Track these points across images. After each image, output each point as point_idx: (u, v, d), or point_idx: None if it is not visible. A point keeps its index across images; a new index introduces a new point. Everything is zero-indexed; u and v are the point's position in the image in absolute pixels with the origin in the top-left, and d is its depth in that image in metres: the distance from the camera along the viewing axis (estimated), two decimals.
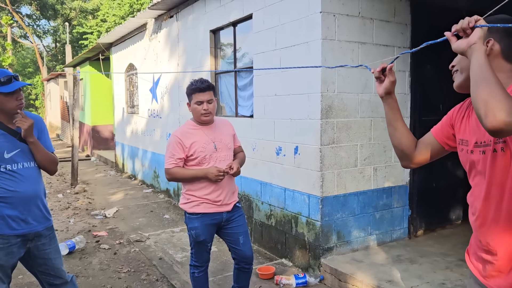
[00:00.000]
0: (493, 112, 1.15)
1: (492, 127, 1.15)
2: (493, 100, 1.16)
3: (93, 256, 4.69)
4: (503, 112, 1.13)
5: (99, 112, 13.79)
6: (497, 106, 1.15)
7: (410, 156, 1.71)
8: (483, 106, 1.18)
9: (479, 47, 1.27)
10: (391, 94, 1.69)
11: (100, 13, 25.16)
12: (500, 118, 1.13)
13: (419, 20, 4.33)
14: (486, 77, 1.21)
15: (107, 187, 8.74)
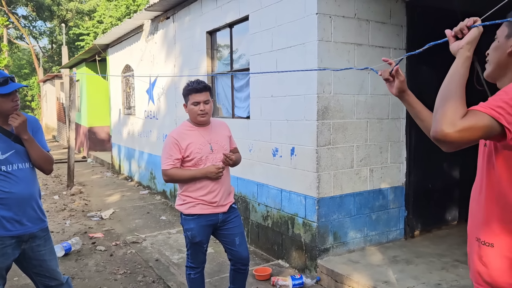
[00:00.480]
0: (435, 123, 1.20)
1: (432, 137, 1.20)
2: (440, 110, 1.20)
3: (89, 258, 4.67)
4: (443, 124, 1.17)
5: (95, 114, 13.76)
6: (442, 118, 1.19)
7: None
8: (433, 116, 1.24)
9: (462, 53, 1.30)
10: (406, 91, 1.71)
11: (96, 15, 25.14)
12: (439, 129, 1.18)
13: (414, 22, 4.34)
14: (449, 87, 1.25)
15: (104, 189, 8.72)
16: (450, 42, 1.37)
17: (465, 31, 1.31)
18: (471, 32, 1.30)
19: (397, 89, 1.70)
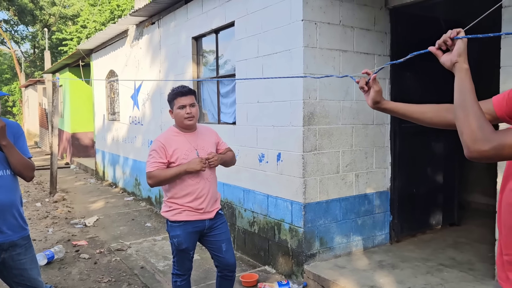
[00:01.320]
0: (466, 144, 1.18)
1: (469, 157, 1.19)
2: (467, 130, 1.19)
3: (72, 266, 4.58)
4: (475, 143, 1.16)
5: (79, 119, 13.58)
6: (471, 137, 1.17)
7: (453, 123, 1.57)
8: (460, 133, 1.21)
9: (460, 67, 1.28)
10: (380, 102, 1.67)
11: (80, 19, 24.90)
12: (473, 149, 1.16)
13: (398, 29, 4.41)
14: (464, 104, 1.22)
15: (87, 195, 8.59)
16: (438, 56, 1.36)
17: (448, 42, 1.30)
18: (458, 43, 1.29)
19: (372, 100, 1.66)
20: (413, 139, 4.60)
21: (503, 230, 1.41)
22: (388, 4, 4.31)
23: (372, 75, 1.67)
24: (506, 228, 1.39)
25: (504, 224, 1.40)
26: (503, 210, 1.41)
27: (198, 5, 5.48)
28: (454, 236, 4.86)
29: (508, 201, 1.37)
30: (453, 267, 3.91)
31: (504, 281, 1.43)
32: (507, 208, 1.38)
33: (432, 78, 4.61)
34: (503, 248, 1.40)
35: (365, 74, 1.72)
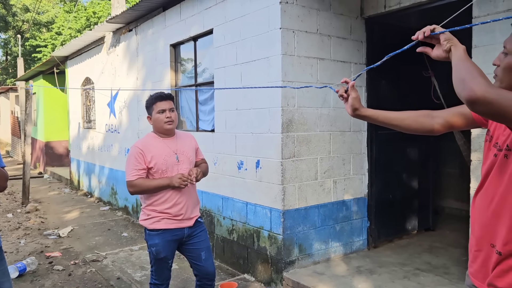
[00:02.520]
0: (469, 85, 1.22)
1: (469, 97, 1.21)
2: (469, 76, 1.24)
3: (45, 278, 4.45)
4: (479, 84, 1.21)
5: (53, 128, 13.27)
6: (473, 80, 1.22)
7: (429, 129, 1.68)
8: (461, 83, 1.25)
9: (456, 48, 1.35)
10: (359, 109, 1.71)
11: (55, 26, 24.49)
12: (477, 88, 1.20)
13: (374, 38, 4.51)
14: (463, 63, 1.29)
15: (61, 206, 8.37)
16: (429, 54, 1.45)
17: (421, 37, 1.40)
18: (442, 35, 1.37)
19: (351, 107, 1.69)
20: (389, 146, 4.69)
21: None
22: (363, 14, 4.41)
23: (350, 82, 1.70)
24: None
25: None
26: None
27: (176, 13, 5.47)
28: (429, 240, 4.95)
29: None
30: (429, 271, 3.98)
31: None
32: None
33: (407, 85, 4.72)
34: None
35: (343, 83, 1.75)
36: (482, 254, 1.49)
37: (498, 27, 3.27)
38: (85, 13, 23.40)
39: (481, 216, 1.50)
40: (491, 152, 1.51)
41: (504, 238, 1.40)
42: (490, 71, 3.41)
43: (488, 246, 1.47)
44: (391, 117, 1.70)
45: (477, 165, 3.44)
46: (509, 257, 1.40)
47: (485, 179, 1.52)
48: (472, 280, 1.56)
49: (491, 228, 1.46)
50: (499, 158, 1.45)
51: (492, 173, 1.48)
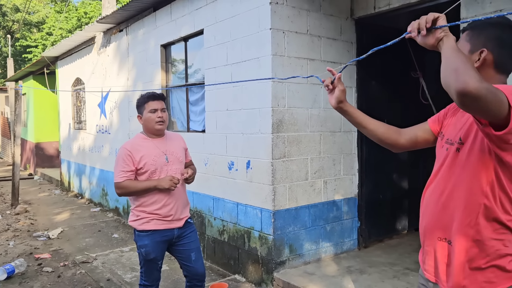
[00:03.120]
0: (462, 77, 1.18)
1: (461, 89, 1.18)
2: (463, 67, 1.21)
3: (34, 280, 4.40)
4: (472, 78, 1.18)
5: (43, 128, 13.17)
6: (467, 73, 1.19)
7: (394, 144, 1.78)
8: (453, 73, 1.21)
9: (448, 38, 1.33)
10: (343, 102, 1.74)
11: (45, 26, 24.30)
12: (470, 81, 1.17)
13: (363, 39, 4.53)
14: (458, 55, 1.26)
15: (52, 207, 8.30)
16: (416, 39, 1.42)
17: (423, 32, 1.37)
18: (440, 24, 1.36)
19: (336, 99, 1.72)
20: (379, 146, 4.65)
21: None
22: (353, 15, 4.43)
23: (337, 74, 1.73)
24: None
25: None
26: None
27: (167, 13, 5.45)
28: (419, 240, 4.97)
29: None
30: (418, 271, 4.00)
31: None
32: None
33: (397, 86, 4.75)
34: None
35: (330, 73, 1.78)
36: (433, 248, 1.54)
37: None
38: (76, 13, 23.26)
39: (431, 210, 1.55)
40: (443, 148, 1.56)
41: (454, 229, 1.45)
42: None
43: (439, 240, 1.51)
44: (368, 121, 1.76)
45: None
46: (461, 249, 1.44)
47: (435, 174, 1.57)
48: (426, 275, 1.61)
49: (441, 221, 1.50)
50: (450, 152, 1.50)
51: (443, 167, 1.52)
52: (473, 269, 1.43)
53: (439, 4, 3.70)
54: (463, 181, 1.44)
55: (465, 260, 1.44)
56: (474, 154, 1.41)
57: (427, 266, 1.60)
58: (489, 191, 1.40)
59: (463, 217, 1.44)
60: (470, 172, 1.42)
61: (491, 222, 1.41)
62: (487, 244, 1.42)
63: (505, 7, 3.19)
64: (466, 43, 1.50)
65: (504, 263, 1.42)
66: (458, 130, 1.51)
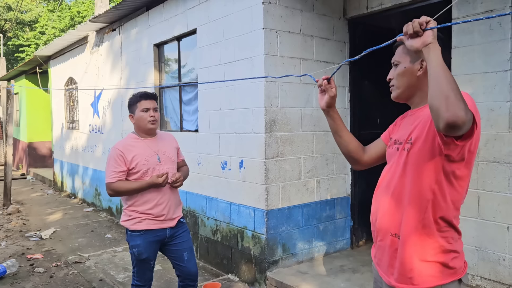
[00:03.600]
0: (454, 108, 1.23)
1: (451, 121, 1.23)
2: (454, 97, 1.24)
3: (26, 281, 4.37)
4: (462, 110, 1.23)
5: (35, 128, 13.07)
6: (458, 104, 1.23)
7: (358, 160, 1.87)
8: (443, 100, 1.24)
9: (435, 46, 1.34)
10: (332, 107, 1.80)
11: (38, 25, 24.12)
12: (461, 115, 1.22)
13: (356, 39, 4.54)
14: (447, 75, 1.28)
15: (44, 207, 8.25)
16: (404, 41, 1.43)
17: (420, 33, 1.37)
18: (430, 31, 1.36)
19: (326, 103, 1.78)
20: None
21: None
22: (346, 15, 4.44)
23: (332, 74, 1.77)
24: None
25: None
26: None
27: (160, 12, 5.44)
28: None
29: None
30: None
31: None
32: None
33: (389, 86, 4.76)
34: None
35: (323, 74, 1.82)
36: (385, 243, 1.61)
37: (476, 29, 3.33)
38: (69, 13, 23.12)
39: (383, 207, 1.62)
40: (392, 149, 1.66)
41: (404, 224, 1.52)
42: (468, 72, 3.47)
43: (390, 235, 1.58)
44: (346, 132, 1.85)
45: None
46: (409, 244, 1.50)
47: (387, 173, 1.66)
48: (378, 270, 1.69)
49: (393, 218, 1.57)
50: (400, 151, 1.58)
51: (394, 166, 1.60)
52: (418, 263, 1.50)
53: (431, 4, 3.73)
54: (412, 179, 1.51)
55: (412, 254, 1.51)
56: (424, 154, 1.47)
57: (378, 260, 1.68)
58: (437, 189, 1.47)
59: (412, 213, 1.51)
60: (419, 170, 1.49)
61: (438, 219, 1.49)
62: (433, 240, 1.49)
63: (496, 7, 3.22)
64: (405, 55, 1.59)
65: (447, 259, 1.49)
66: (407, 131, 1.59)
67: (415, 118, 1.59)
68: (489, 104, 3.30)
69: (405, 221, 1.52)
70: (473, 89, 3.38)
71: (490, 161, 3.31)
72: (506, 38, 3.18)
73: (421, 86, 1.58)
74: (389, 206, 1.59)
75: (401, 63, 1.61)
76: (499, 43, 3.22)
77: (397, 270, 1.55)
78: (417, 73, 1.56)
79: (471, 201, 3.43)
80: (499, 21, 3.20)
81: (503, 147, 3.24)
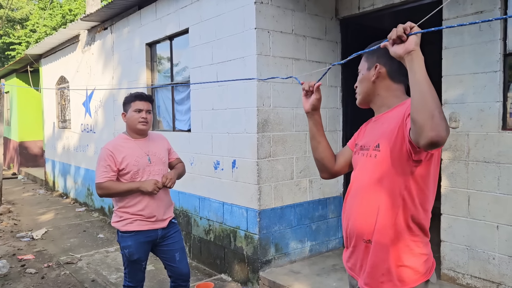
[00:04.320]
0: (438, 127, 1.24)
1: (435, 141, 1.25)
2: (439, 115, 1.25)
3: (17, 282, 4.35)
4: (445, 130, 1.25)
5: (27, 127, 12.97)
6: (442, 123, 1.25)
7: (330, 168, 1.88)
8: (429, 119, 1.25)
9: (417, 55, 1.33)
10: (317, 110, 1.82)
11: (29, 23, 23.89)
12: (444, 135, 1.24)
13: (348, 39, 4.56)
14: (431, 91, 1.28)
15: (36, 207, 8.19)
16: (388, 48, 1.41)
17: (404, 38, 1.36)
18: (414, 36, 1.35)
19: (311, 106, 1.79)
20: None
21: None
22: (338, 15, 4.45)
23: (317, 83, 1.78)
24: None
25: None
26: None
27: (152, 11, 5.41)
28: None
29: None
30: None
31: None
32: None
33: None
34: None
35: (309, 77, 1.85)
36: (358, 249, 1.62)
37: (466, 30, 3.35)
38: (60, 11, 22.94)
39: (355, 214, 1.62)
40: (358, 155, 1.68)
41: (376, 229, 1.54)
42: (459, 72, 3.50)
43: (363, 241, 1.59)
44: (324, 139, 1.86)
45: (448, 163, 3.52)
46: (380, 249, 1.53)
47: (355, 180, 1.66)
48: (350, 273, 1.71)
49: (365, 224, 1.58)
50: (366, 157, 1.61)
51: (362, 172, 1.62)
52: (390, 268, 1.52)
53: (422, 4, 3.75)
54: (382, 186, 1.53)
55: (383, 259, 1.53)
56: (393, 160, 1.49)
57: (352, 265, 1.69)
58: (406, 194, 1.49)
59: (383, 218, 1.52)
60: (389, 177, 1.51)
61: (409, 223, 1.51)
62: (404, 245, 1.51)
63: (485, 8, 3.25)
64: (364, 63, 1.68)
65: (418, 263, 1.52)
66: (373, 137, 1.61)
67: (380, 124, 1.62)
68: (479, 105, 3.33)
69: (377, 227, 1.53)
70: (463, 90, 3.41)
71: (480, 161, 3.35)
72: (495, 39, 3.21)
73: (377, 91, 1.64)
74: (360, 212, 1.60)
75: (361, 70, 1.69)
76: (488, 44, 3.25)
77: (368, 274, 1.57)
78: (372, 79, 1.63)
79: (462, 201, 3.46)
80: (489, 22, 3.23)
81: (492, 147, 3.27)
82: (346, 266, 1.74)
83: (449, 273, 3.57)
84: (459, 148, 3.46)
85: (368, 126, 1.74)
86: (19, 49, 22.36)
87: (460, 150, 3.46)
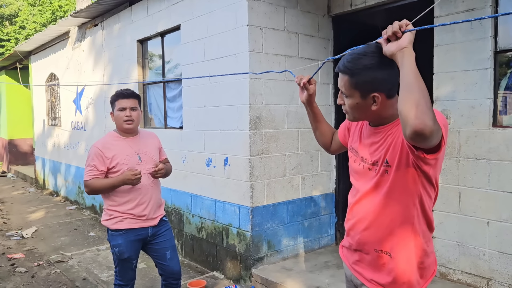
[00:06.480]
0: (423, 116, 1.22)
1: (419, 129, 1.22)
2: (424, 105, 1.24)
3: (7, 281, 4.29)
4: (430, 120, 1.22)
5: (16, 125, 12.81)
6: (427, 112, 1.23)
7: (328, 149, 2.09)
8: (414, 108, 1.23)
9: (410, 52, 1.33)
10: (312, 103, 1.92)
11: (18, 19, 23.59)
12: (429, 123, 1.22)
13: (340, 36, 4.56)
14: (419, 84, 1.28)
15: (26, 205, 8.10)
16: (383, 45, 1.41)
17: (399, 34, 1.36)
18: (408, 34, 1.35)
19: (308, 97, 1.89)
20: None
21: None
22: (330, 12, 4.45)
23: (310, 78, 1.84)
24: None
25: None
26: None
27: (143, 8, 5.37)
28: None
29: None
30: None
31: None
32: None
33: None
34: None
35: (302, 71, 1.90)
36: (370, 257, 1.63)
37: (458, 27, 3.37)
38: (50, 7, 22.67)
39: (368, 226, 1.61)
40: (359, 165, 1.66)
41: (395, 242, 1.56)
42: (450, 70, 3.51)
43: (375, 251, 1.60)
44: (323, 121, 2.02)
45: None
46: (402, 259, 1.56)
47: (360, 188, 1.67)
48: (354, 274, 1.71)
49: (376, 236, 1.59)
50: (373, 172, 1.58)
51: (371, 186, 1.59)
52: (411, 279, 1.56)
53: (413, 2, 3.75)
54: (397, 198, 1.52)
55: (404, 270, 1.56)
56: (403, 172, 1.48)
57: (353, 263, 1.71)
58: (419, 205, 1.52)
59: (401, 231, 1.54)
60: (402, 188, 1.50)
61: (423, 230, 1.56)
62: (420, 249, 1.56)
63: (477, 6, 3.26)
64: (354, 90, 1.51)
65: (431, 262, 1.61)
66: (377, 151, 1.56)
67: (384, 136, 1.55)
68: (469, 102, 3.35)
69: (397, 240, 1.55)
70: (454, 87, 3.43)
71: (471, 157, 3.37)
72: (486, 37, 3.23)
73: (380, 114, 1.54)
74: (372, 224, 1.59)
75: (352, 97, 1.53)
76: (479, 41, 3.27)
77: (390, 284, 1.59)
78: (371, 108, 1.52)
79: (453, 197, 3.48)
80: (479, 20, 3.25)
81: (483, 144, 3.30)
82: (347, 262, 1.75)
83: (440, 269, 3.60)
84: (450, 145, 3.48)
85: (366, 132, 1.67)
86: (8, 46, 22.07)
87: (451, 147, 3.48)
